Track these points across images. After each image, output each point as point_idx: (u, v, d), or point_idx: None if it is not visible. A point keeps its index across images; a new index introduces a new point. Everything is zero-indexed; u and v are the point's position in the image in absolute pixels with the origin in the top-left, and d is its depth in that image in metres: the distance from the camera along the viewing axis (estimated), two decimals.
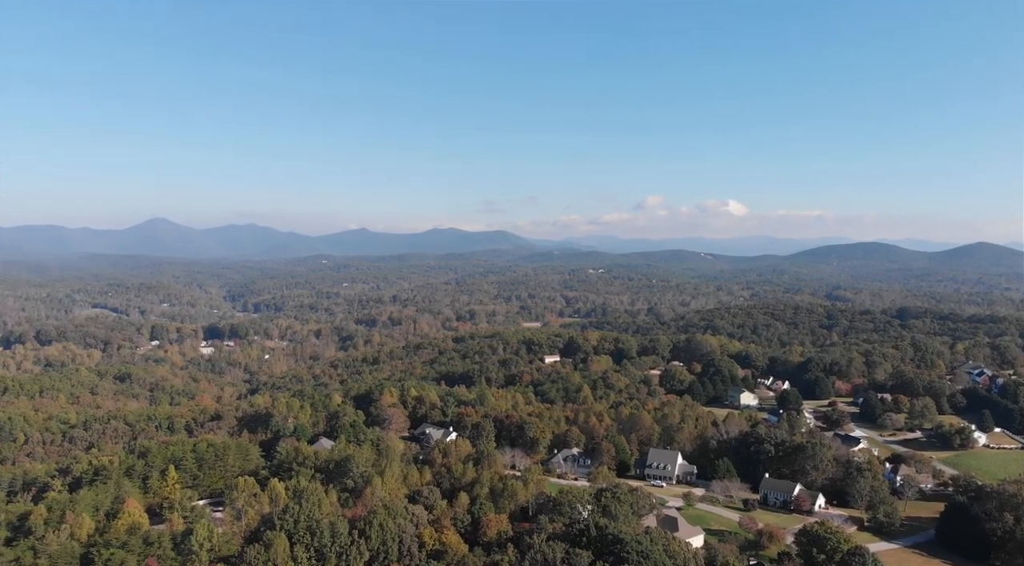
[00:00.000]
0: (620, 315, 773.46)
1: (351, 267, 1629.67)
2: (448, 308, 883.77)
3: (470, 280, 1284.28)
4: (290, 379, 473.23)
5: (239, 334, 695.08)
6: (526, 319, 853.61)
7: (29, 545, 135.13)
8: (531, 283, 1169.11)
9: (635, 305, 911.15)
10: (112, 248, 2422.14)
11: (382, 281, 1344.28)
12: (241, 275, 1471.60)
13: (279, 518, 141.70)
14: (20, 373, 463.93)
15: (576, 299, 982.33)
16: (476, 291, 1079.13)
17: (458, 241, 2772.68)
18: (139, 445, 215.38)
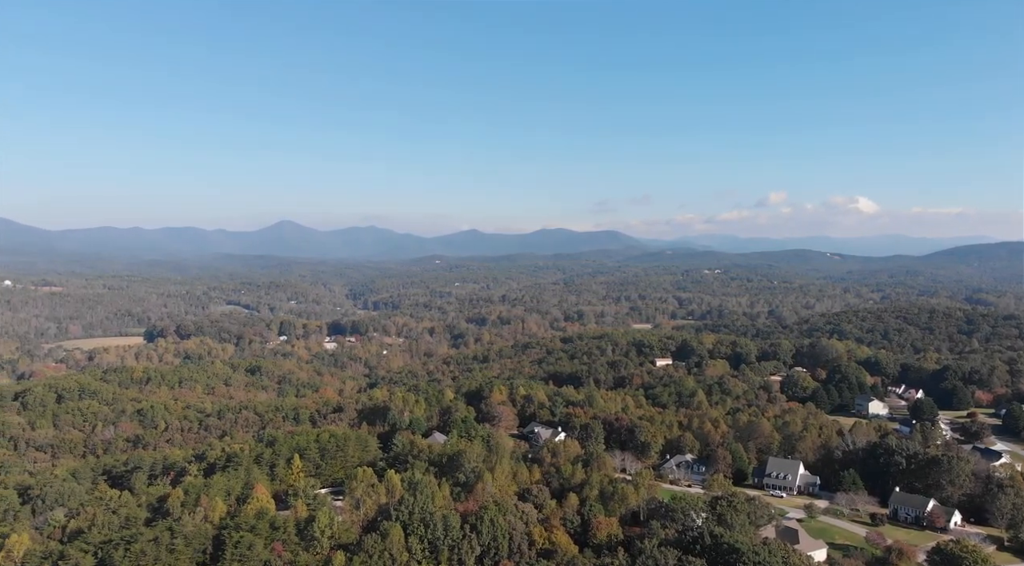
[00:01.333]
0: (738, 318, 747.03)
1: (462, 267, 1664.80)
2: (556, 308, 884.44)
3: (578, 280, 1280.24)
4: (406, 374, 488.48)
5: (360, 330, 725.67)
6: (636, 320, 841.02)
7: (167, 526, 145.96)
8: (642, 284, 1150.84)
9: (754, 307, 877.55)
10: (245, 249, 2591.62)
11: (492, 281, 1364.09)
12: (362, 274, 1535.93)
13: (395, 509, 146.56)
14: (162, 365, 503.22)
15: (690, 300, 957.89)
16: (584, 291, 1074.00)
17: (566, 241, 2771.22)
18: (267, 434, 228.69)
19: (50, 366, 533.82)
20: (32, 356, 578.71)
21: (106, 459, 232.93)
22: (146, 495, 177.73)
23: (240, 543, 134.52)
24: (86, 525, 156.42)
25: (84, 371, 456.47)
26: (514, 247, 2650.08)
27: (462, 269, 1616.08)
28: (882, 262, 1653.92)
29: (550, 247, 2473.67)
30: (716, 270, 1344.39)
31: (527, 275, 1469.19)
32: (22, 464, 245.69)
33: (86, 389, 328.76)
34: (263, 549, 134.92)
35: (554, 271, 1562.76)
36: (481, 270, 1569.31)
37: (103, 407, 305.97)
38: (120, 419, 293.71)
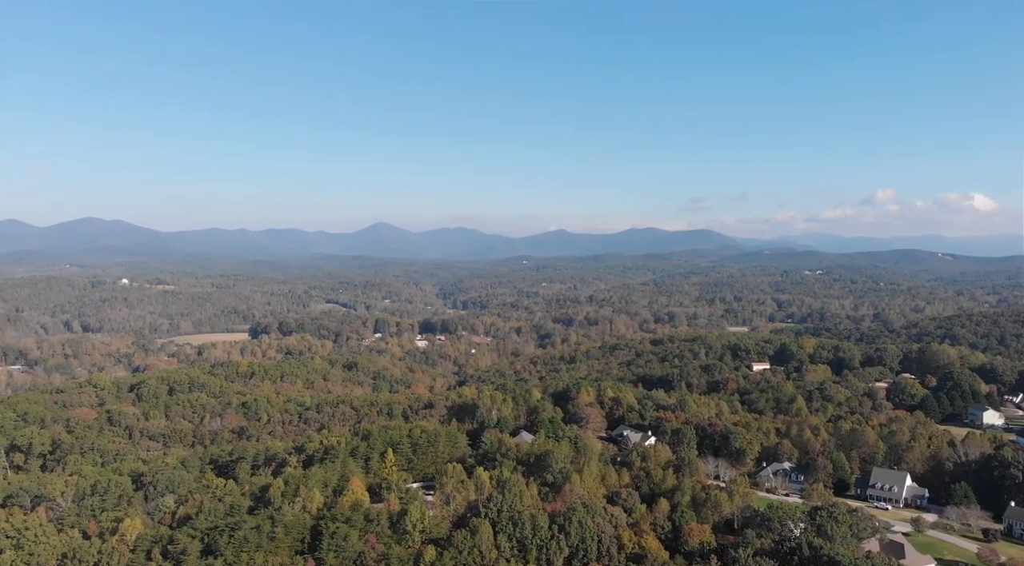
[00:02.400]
0: (840, 321, 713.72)
1: (549, 267, 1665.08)
2: (646, 309, 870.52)
3: (669, 281, 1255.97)
4: (493, 373, 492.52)
5: (449, 329, 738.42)
6: (731, 323, 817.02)
7: (268, 514, 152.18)
8: (737, 284, 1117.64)
9: (858, 310, 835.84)
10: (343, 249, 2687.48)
11: (579, 281, 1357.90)
12: (451, 274, 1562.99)
13: (484, 506, 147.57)
14: (265, 360, 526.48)
15: (789, 302, 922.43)
16: (676, 292, 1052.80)
17: (657, 241, 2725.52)
18: (362, 428, 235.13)
19: (163, 360, 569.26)
20: (146, 350, 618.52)
21: (213, 449, 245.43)
22: (249, 484, 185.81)
23: (336, 534, 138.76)
24: (194, 511, 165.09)
25: (194, 365, 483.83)
26: (602, 247, 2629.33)
27: (549, 269, 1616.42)
28: (998, 263, 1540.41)
29: (639, 247, 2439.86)
30: (817, 271, 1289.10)
31: (615, 275, 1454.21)
32: (136, 452, 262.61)
33: (195, 382, 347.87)
34: (357, 541, 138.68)
35: (644, 271, 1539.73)
36: (568, 270, 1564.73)
37: (211, 399, 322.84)
38: (226, 411, 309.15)
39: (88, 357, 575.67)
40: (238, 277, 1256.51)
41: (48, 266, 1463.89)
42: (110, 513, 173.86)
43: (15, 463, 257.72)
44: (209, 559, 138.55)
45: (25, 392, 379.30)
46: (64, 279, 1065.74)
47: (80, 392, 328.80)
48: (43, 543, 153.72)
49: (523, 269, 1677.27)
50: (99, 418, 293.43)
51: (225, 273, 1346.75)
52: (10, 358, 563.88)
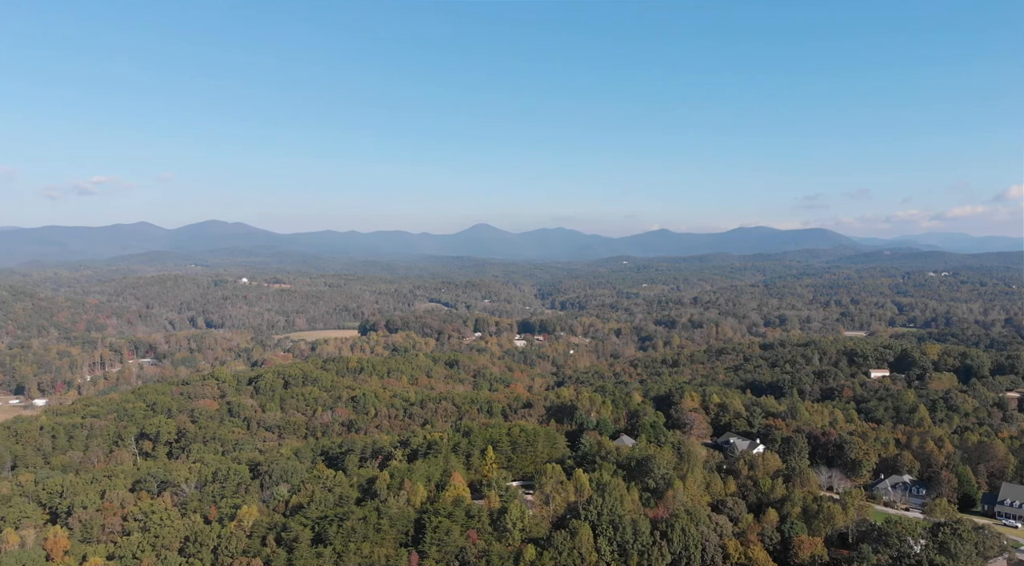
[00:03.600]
0: (968, 326, 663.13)
1: (651, 268, 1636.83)
2: (755, 312, 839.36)
3: (780, 282, 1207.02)
4: (592, 374, 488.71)
5: (547, 329, 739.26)
6: (847, 327, 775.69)
7: (375, 506, 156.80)
8: (854, 287, 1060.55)
9: (988, 315, 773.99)
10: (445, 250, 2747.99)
11: (682, 282, 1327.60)
12: (550, 275, 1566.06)
13: (584, 508, 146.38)
14: (373, 356, 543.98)
15: (911, 306, 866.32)
16: (787, 294, 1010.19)
17: (767, 240, 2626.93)
18: (463, 425, 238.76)
19: (279, 355, 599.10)
20: (264, 346, 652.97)
21: (324, 441, 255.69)
22: (357, 476, 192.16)
23: (439, 528, 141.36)
24: (305, 501, 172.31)
25: (307, 360, 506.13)
26: (707, 247, 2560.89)
27: (650, 270, 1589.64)
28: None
29: (748, 246, 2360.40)
30: (943, 272, 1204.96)
31: (722, 276, 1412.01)
32: (253, 442, 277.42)
33: (308, 377, 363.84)
34: (459, 536, 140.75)
35: (753, 272, 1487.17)
36: (671, 271, 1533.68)
37: (322, 393, 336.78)
38: (336, 405, 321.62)
39: (211, 351, 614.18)
40: (348, 277, 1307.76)
41: (176, 266, 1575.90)
42: (229, 500, 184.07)
43: (144, 450, 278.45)
44: (319, 547, 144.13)
45: (154, 384, 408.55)
46: (190, 278, 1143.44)
47: (203, 384, 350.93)
48: (168, 526, 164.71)
49: (623, 269, 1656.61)
50: (220, 409, 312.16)
51: (337, 273, 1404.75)
52: (141, 351, 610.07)
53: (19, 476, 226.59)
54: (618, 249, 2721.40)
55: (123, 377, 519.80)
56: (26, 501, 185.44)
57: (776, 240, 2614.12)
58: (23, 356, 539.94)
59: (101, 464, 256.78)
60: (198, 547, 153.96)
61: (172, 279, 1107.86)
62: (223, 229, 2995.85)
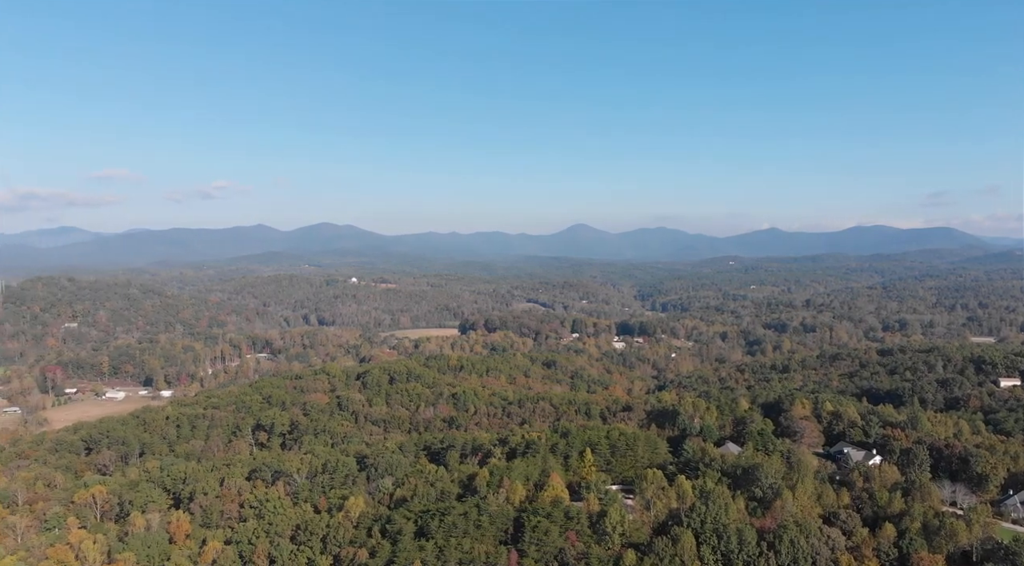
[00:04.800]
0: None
1: (759, 269, 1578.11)
2: (872, 316, 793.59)
3: (900, 284, 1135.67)
4: (695, 379, 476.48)
5: (647, 331, 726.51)
6: (974, 333, 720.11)
7: (475, 503, 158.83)
8: (983, 289, 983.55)
9: None
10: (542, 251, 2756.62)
11: (793, 283, 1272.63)
12: (650, 275, 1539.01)
13: (686, 515, 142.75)
14: (472, 354, 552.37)
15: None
16: (908, 297, 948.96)
17: (886, 240, 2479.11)
18: (562, 426, 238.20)
19: (385, 351, 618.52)
20: (371, 342, 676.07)
21: (426, 436, 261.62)
22: (457, 472, 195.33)
23: (537, 528, 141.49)
24: (409, 494, 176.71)
25: (411, 357, 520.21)
26: (820, 246, 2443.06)
27: (759, 270, 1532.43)
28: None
29: (865, 246, 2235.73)
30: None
31: (836, 278, 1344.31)
32: (361, 436, 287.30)
33: (412, 373, 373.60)
34: (558, 536, 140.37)
35: (869, 274, 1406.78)
36: (781, 272, 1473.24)
37: (425, 389, 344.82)
38: (438, 401, 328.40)
39: (322, 347, 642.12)
40: (449, 277, 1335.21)
41: (291, 266, 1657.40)
42: (337, 490, 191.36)
43: (259, 441, 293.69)
44: (422, 541, 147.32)
45: (269, 378, 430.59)
46: (303, 278, 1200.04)
47: (315, 379, 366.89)
48: (280, 514, 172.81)
49: (729, 270, 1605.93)
50: (330, 403, 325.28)
51: (438, 273, 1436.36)
52: (258, 347, 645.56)
53: (146, 463, 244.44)
54: (724, 249, 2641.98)
55: (242, 371, 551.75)
56: (152, 486, 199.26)
57: (896, 239, 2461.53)
58: (151, 350, 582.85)
59: (220, 453, 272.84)
60: (308, 536, 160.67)
61: (287, 279, 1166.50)
62: (334, 231, 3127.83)
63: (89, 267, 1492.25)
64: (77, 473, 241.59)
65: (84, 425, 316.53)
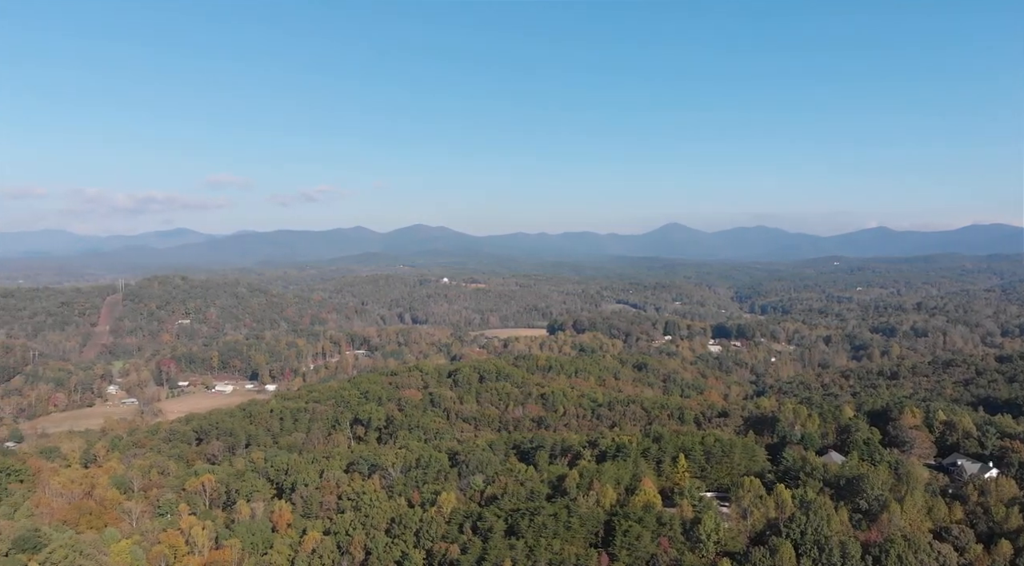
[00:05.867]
0: None
1: (866, 269, 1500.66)
2: (990, 320, 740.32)
3: (1021, 286, 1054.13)
4: (796, 385, 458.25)
5: (745, 334, 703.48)
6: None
7: (564, 504, 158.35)
8: None
9: None
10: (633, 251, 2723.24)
11: (903, 285, 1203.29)
12: (748, 276, 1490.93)
13: (785, 525, 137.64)
14: (561, 355, 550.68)
15: None
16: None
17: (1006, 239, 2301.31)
18: (654, 430, 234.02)
19: (475, 350, 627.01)
20: (462, 341, 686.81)
21: (516, 435, 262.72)
22: (547, 472, 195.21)
23: (629, 532, 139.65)
24: (499, 492, 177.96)
25: (500, 356, 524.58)
26: (933, 246, 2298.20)
27: (865, 271, 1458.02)
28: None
29: (982, 246, 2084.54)
30: None
31: (950, 279, 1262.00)
32: (452, 432, 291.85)
33: (501, 372, 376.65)
34: (650, 542, 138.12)
35: (987, 275, 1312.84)
36: (890, 272, 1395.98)
37: (514, 389, 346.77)
38: (527, 401, 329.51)
39: (416, 345, 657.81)
40: (538, 277, 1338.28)
41: (387, 266, 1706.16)
42: (430, 486, 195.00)
43: (357, 434, 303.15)
44: (512, 540, 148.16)
45: (366, 374, 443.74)
46: (398, 277, 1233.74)
47: (409, 376, 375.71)
48: (376, 507, 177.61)
49: (833, 271, 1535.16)
50: (423, 399, 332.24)
51: (527, 273, 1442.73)
52: (356, 344, 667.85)
53: (252, 454, 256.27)
54: (827, 249, 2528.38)
55: (341, 367, 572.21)
56: (257, 476, 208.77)
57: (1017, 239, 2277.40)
58: (257, 346, 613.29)
59: (320, 446, 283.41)
60: (402, 529, 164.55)
61: (383, 278, 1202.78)
62: (427, 232, 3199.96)
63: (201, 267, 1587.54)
64: (188, 462, 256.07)
65: (195, 416, 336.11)
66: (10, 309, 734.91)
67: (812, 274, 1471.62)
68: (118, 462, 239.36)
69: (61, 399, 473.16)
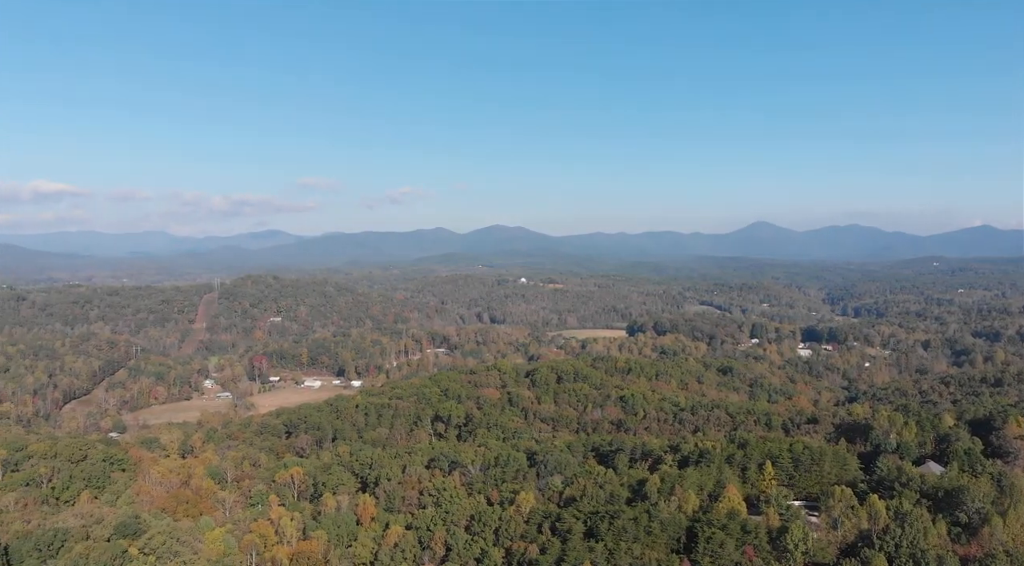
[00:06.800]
0: None
1: (968, 270, 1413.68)
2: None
3: None
4: (892, 391, 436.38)
5: (837, 338, 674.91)
6: None
7: (645, 508, 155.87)
8: None
9: None
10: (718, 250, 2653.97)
11: (1008, 287, 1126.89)
12: (840, 277, 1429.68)
13: (879, 537, 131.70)
14: (641, 357, 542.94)
15: None
16: None
17: None
18: (739, 436, 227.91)
19: (552, 351, 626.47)
20: (539, 341, 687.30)
21: (594, 437, 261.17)
22: (627, 476, 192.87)
23: (712, 539, 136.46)
24: (578, 494, 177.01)
25: (578, 357, 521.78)
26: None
27: (968, 272, 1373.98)
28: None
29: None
30: None
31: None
32: (530, 432, 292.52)
33: (579, 373, 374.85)
34: (734, 550, 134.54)
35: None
36: (994, 274, 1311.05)
37: (592, 390, 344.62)
38: (606, 403, 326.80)
39: (494, 344, 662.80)
40: (617, 277, 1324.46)
41: (466, 266, 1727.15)
42: (509, 484, 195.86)
43: (437, 431, 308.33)
44: (591, 542, 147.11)
45: (446, 372, 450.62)
46: (477, 277, 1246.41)
47: (487, 374, 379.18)
48: (456, 504, 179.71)
49: (933, 272, 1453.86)
50: (501, 399, 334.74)
51: (605, 274, 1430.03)
52: (437, 342, 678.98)
53: (338, 448, 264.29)
54: (927, 248, 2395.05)
55: (422, 364, 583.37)
56: (342, 470, 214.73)
57: None
58: (344, 343, 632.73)
59: (403, 441, 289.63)
60: (482, 526, 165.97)
61: (463, 278, 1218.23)
62: (505, 233, 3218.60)
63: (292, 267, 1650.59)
64: (278, 454, 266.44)
65: (285, 410, 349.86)
66: (115, 306, 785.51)
67: (909, 275, 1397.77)
68: (213, 453, 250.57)
69: (161, 392, 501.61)
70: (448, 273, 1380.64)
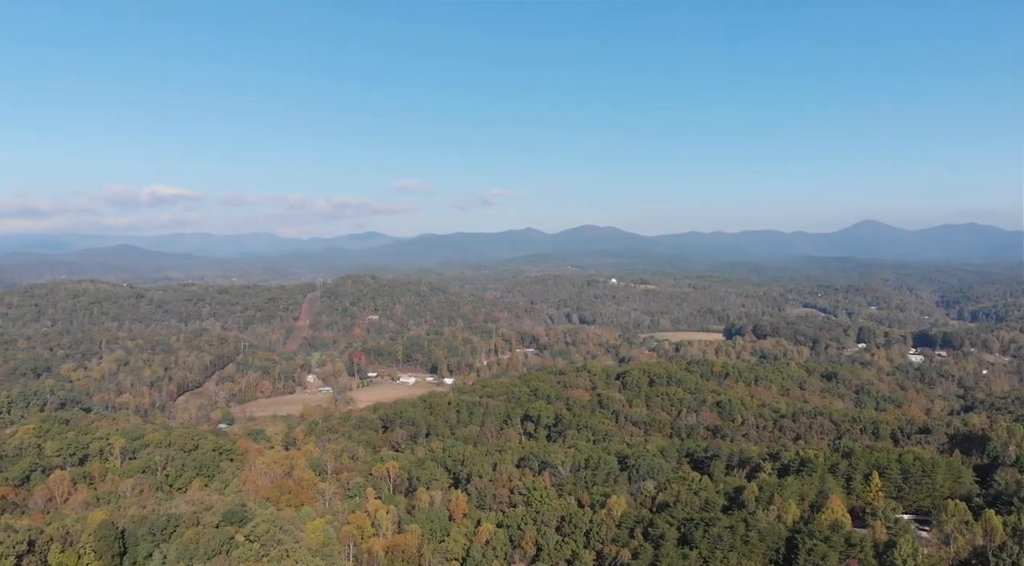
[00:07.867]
0: None
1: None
2: None
3: None
4: (1012, 400, 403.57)
5: (952, 343, 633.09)
6: None
7: (742, 517, 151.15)
8: None
9: None
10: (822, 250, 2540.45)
11: None
12: (956, 279, 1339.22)
13: (994, 555, 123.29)
14: (739, 361, 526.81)
15: None
16: None
17: None
18: (843, 445, 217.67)
19: (644, 353, 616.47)
20: (630, 343, 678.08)
21: (689, 443, 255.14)
22: (723, 483, 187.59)
23: (814, 551, 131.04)
24: (671, 500, 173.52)
25: (671, 360, 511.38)
26: None
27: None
28: None
29: None
30: None
31: None
32: (621, 435, 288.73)
33: (673, 377, 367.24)
34: (837, 563, 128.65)
35: None
36: None
37: (686, 395, 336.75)
38: (701, 408, 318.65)
39: (583, 345, 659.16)
40: (713, 278, 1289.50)
41: (555, 267, 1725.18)
42: (600, 487, 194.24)
43: (527, 431, 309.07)
44: (685, 549, 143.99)
45: (536, 371, 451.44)
46: (566, 278, 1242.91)
47: (577, 375, 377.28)
48: (546, 504, 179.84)
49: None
50: (591, 400, 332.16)
51: (701, 274, 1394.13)
52: (526, 342, 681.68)
53: (431, 443, 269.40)
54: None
55: (511, 364, 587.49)
56: (436, 465, 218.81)
57: None
58: (437, 341, 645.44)
59: (493, 439, 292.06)
60: (572, 528, 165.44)
61: (552, 279, 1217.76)
62: (596, 233, 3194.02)
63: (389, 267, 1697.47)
64: (375, 448, 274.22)
65: (382, 405, 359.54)
66: (225, 304, 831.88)
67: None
68: (314, 445, 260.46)
69: (267, 386, 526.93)
70: (537, 273, 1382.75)
